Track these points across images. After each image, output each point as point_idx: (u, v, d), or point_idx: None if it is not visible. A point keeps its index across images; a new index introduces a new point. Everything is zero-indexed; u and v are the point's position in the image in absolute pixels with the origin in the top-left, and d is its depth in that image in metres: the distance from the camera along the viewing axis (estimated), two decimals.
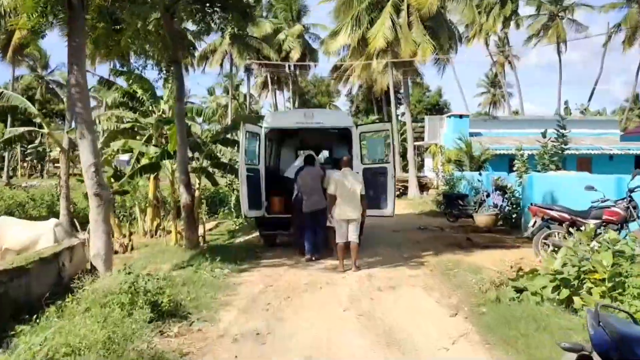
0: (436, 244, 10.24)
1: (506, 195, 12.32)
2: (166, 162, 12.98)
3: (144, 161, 13.46)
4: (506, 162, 20.57)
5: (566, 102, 39.03)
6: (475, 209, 14.29)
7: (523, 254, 8.63)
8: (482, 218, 13.31)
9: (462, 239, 10.97)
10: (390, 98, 28.79)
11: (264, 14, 42.83)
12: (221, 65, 43.05)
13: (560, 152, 11.69)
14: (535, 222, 7.93)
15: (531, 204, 8.48)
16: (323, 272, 7.81)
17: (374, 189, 8.77)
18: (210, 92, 55.48)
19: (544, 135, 11.76)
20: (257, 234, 10.91)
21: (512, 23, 42.93)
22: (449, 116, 22.60)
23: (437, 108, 46.45)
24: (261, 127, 9.56)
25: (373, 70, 28.01)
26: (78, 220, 12.83)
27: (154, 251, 12.48)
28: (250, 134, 9.33)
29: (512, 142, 21.82)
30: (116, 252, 12.90)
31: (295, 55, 40.26)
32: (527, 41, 42.97)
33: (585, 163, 19.72)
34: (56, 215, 13.90)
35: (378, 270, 7.88)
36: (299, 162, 9.73)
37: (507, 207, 12.26)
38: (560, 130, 11.52)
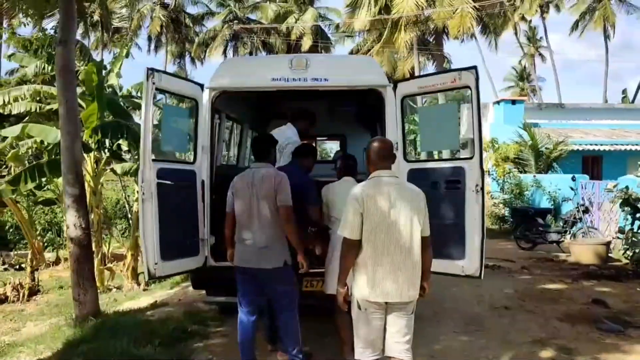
0: (548, 318, 5.27)
1: (638, 215, 7.30)
2: (86, 157, 8.24)
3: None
4: (578, 160, 15.47)
5: (624, 91, 33.59)
6: (566, 231, 9.35)
7: None
8: (583, 249, 8.40)
9: (583, 299, 6.01)
10: None
11: None
12: (224, 52, 39.23)
13: None
14: None
15: None
16: None
17: (437, 217, 3.88)
18: None
19: None
20: None
21: (552, 7, 37.93)
22: (497, 102, 17.47)
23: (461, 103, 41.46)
24: (201, 87, 4.66)
25: (396, 51, 23.15)
26: None
27: (62, 301, 7.85)
28: (172, 98, 4.46)
29: (581, 135, 16.72)
30: (4, 300, 8.21)
31: (307, 42, 35.60)
32: (573, 27, 37.70)
33: None
34: None
35: None
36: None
37: None
38: None
